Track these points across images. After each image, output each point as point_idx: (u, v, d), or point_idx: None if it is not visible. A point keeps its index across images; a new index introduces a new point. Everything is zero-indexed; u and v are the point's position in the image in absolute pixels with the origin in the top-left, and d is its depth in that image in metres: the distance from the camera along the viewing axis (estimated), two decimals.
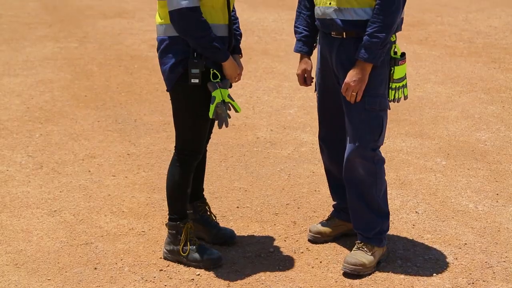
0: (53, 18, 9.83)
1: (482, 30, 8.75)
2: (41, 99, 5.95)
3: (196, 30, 2.94)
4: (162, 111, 5.62)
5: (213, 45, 2.97)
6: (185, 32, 2.96)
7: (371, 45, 2.94)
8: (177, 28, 2.97)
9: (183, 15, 2.92)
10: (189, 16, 2.92)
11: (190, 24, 2.93)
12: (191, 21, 2.93)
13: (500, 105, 5.74)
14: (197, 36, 2.95)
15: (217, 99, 3.02)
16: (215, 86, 3.02)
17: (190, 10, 2.91)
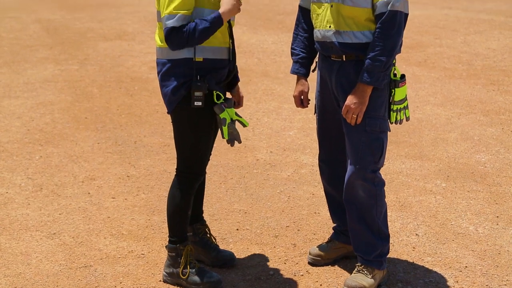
0: (54, 40, 9.89)
1: (481, 52, 8.80)
2: (41, 121, 5.97)
3: (189, 42, 2.96)
4: (162, 133, 5.63)
5: (209, 28, 2.95)
6: (181, 47, 2.98)
7: (373, 68, 2.96)
8: (171, 47, 2.99)
9: (171, 34, 2.94)
10: (176, 35, 2.94)
11: (181, 40, 2.95)
12: (181, 37, 2.95)
13: (499, 127, 5.76)
14: (195, 42, 2.97)
15: (228, 120, 3.05)
16: (222, 108, 3.04)
17: (175, 30, 2.94)
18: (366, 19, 3.00)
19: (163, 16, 2.97)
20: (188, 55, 3.03)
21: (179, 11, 2.93)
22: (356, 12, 3.00)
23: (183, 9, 2.94)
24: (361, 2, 2.98)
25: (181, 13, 2.93)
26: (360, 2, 2.98)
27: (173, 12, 2.93)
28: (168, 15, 2.94)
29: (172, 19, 2.93)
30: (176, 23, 2.93)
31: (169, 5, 2.94)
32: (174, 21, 2.93)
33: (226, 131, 3.06)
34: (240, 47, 9.18)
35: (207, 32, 2.96)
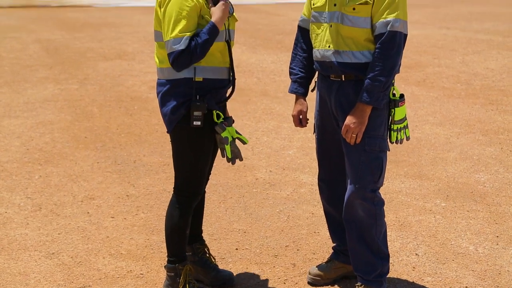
0: (54, 60, 9.93)
1: (479, 72, 8.84)
2: (41, 141, 5.97)
3: (193, 60, 2.98)
4: (162, 152, 5.63)
5: (208, 39, 2.97)
6: (187, 67, 3.00)
7: (373, 88, 2.97)
8: (178, 69, 3.01)
9: (179, 57, 2.96)
10: (182, 57, 2.96)
11: (186, 60, 2.97)
12: (186, 58, 2.97)
13: (498, 146, 5.76)
14: (199, 58, 2.99)
15: (230, 139, 3.07)
16: (223, 127, 3.06)
17: (183, 53, 2.95)
18: (366, 39, 3.02)
19: (167, 40, 2.98)
20: (188, 75, 3.05)
21: (184, 33, 2.95)
22: (356, 33, 3.02)
23: (188, 31, 2.96)
24: (361, 22, 3.00)
25: (187, 35, 2.95)
26: (360, 22, 3.00)
27: (179, 36, 2.95)
28: (174, 39, 2.95)
29: (178, 43, 2.94)
30: (183, 46, 2.95)
31: (174, 29, 2.96)
32: (181, 45, 2.94)
33: (229, 150, 3.08)
34: (240, 66, 9.22)
35: (207, 43, 2.97)
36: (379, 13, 2.97)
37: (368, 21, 3.00)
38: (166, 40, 2.99)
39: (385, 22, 2.96)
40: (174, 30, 2.96)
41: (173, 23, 2.96)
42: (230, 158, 3.10)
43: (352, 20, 3.01)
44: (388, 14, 2.96)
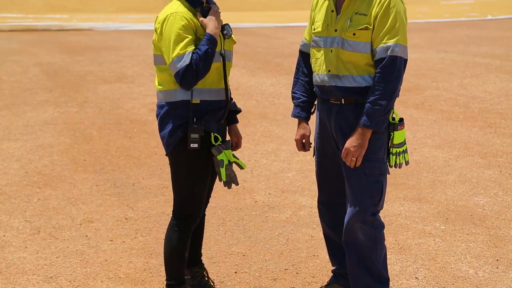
0: (54, 83, 9.97)
1: (477, 95, 8.88)
2: (40, 164, 5.97)
3: (199, 74, 2.99)
4: (161, 175, 5.63)
5: (208, 50, 2.99)
6: (195, 83, 3.01)
7: (373, 112, 2.98)
8: (187, 87, 3.02)
9: (186, 73, 2.98)
10: (188, 74, 2.98)
11: (193, 75, 2.99)
12: (192, 73, 2.99)
13: (497, 169, 5.77)
14: (204, 71, 3.00)
15: (225, 162, 3.07)
16: (219, 149, 3.07)
17: (190, 68, 2.97)
18: (366, 64, 3.05)
19: (171, 62, 3.00)
20: (185, 97, 3.07)
21: (186, 50, 2.98)
22: (356, 57, 3.04)
23: (189, 47, 2.99)
24: (361, 47, 3.03)
25: (188, 51, 2.98)
26: (360, 47, 3.03)
27: (180, 54, 2.98)
28: (177, 58, 2.98)
29: (181, 60, 2.97)
30: (188, 61, 2.97)
31: (175, 49, 2.99)
32: (185, 61, 2.97)
33: (224, 173, 3.07)
34: (239, 89, 9.26)
35: (208, 55, 2.99)
36: (379, 38, 3.00)
37: (368, 46, 3.03)
38: (169, 63, 3.01)
39: (386, 47, 2.98)
40: (175, 50, 2.98)
41: (173, 44, 2.99)
42: (225, 181, 3.10)
43: (352, 45, 3.03)
44: (388, 39, 2.99)
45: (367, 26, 3.01)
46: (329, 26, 3.11)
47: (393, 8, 2.99)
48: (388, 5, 2.99)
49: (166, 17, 3.04)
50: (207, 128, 3.08)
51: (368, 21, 3.01)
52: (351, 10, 3.05)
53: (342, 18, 3.07)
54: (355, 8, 3.04)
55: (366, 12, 3.01)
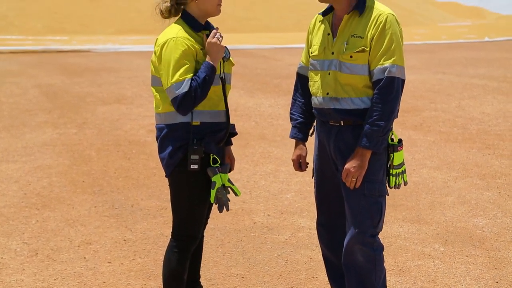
0: (53, 104, 9.99)
1: (476, 116, 8.91)
2: (38, 185, 5.97)
3: (196, 100, 3.01)
4: (159, 196, 5.62)
5: (206, 78, 3.01)
6: (191, 109, 3.03)
7: (372, 133, 3.00)
8: (184, 113, 3.03)
9: (184, 100, 2.99)
10: (185, 100, 3.00)
11: (191, 102, 3.00)
12: (190, 100, 3.00)
13: (496, 191, 5.77)
14: (202, 98, 3.02)
15: (218, 184, 3.06)
16: (215, 171, 3.07)
17: (188, 95, 2.99)
18: (364, 86, 3.06)
19: (169, 87, 3.01)
20: (185, 119, 3.07)
21: (185, 76, 2.99)
22: (354, 80, 3.06)
23: (188, 74, 3.00)
24: (358, 69, 3.05)
25: (188, 78, 3.00)
26: (357, 69, 3.05)
27: (179, 80, 2.99)
28: (176, 84, 2.99)
29: (180, 87, 2.98)
30: (186, 88, 2.98)
31: (174, 74, 3.00)
32: (184, 88, 2.98)
33: (213, 195, 3.07)
34: (238, 110, 9.28)
35: (206, 82, 3.01)
36: (376, 59, 3.02)
37: (365, 68, 3.05)
38: (167, 87, 3.02)
39: (383, 68, 3.00)
40: (175, 75, 2.99)
41: (172, 69, 3.00)
42: (214, 203, 3.10)
43: (350, 68, 3.05)
44: (385, 61, 3.01)
45: (363, 48, 3.03)
46: (326, 49, 3.13)
47: (388, 29, 3.02)
48: (384, 27, 3.02)
49: (166, 41, 3.05)
50: (207, 150, 3.08)
51: (365, 43, 3.03)
52: (347, 33, 3.08)
53: (338, 41, 3.09)
54: (351, 31, 3.07)
55: (362, 34, 3.04)
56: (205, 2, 3.10)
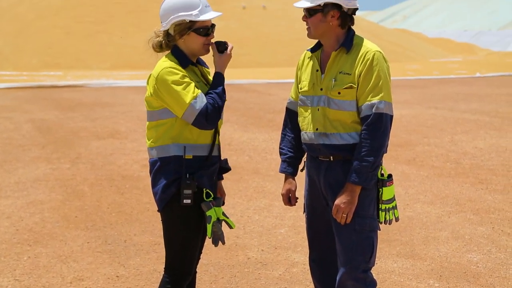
0: (47, 139, 9.99)
1: (468, 151, 8.95)
2: (31, 221, 5.93)
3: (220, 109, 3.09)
4: (153, 232, 5.59)
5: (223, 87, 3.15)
6: (219, 117, 3.11)
7: (361, 168, 3.01)
8: (212, 124, 3.08)
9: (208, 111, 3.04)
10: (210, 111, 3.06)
11: (216, 113, 3.08)
12: (214, 110, 3.07)
13: (490, 226, 5.77)
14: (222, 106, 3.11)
15: (213, 218, 3.07)
16: (209, 205, 3.07)
17: (206, 108, 3.05)
18: (352, 121, 3.09)
19: (186, 108, 3.03)
20: (178, 152, 3.09)
21: (197, 91, 3.06)
22: (342, 115, 3.09)
23: (196, 90, 3.07)
24: (346, 105, 3.08)
25: (199, 93, 3.06)
26: (345, 105, 3.08)
27: (194, 96, 3.05)
28: (192, 103, 3.03)
29: (197, 102, 3.03)
30: (203, 100, 3.04)
31: (186, 95, 3.04)
32: (201, 101, 3.04)
33: (209, 230, 3.07)
34: (231, 144, 9.30)
35: (224, 90, 3.13)
36: (364, 95, 3.06)
37: (353, 104, 3.08)
38: (185, 111, 3.04)
39: (370, 104, 3.04)
40: (187, 95, 3.04)
41: (180, 92, 3.04)
42: (210, 238, 3.09)
43: (338, 104, 3.09)
44: (372, 97, 3.04)
45: (351, 85, 3.07)
46: (315, 85, 3.18)
47: (376, 66, 3.06)
48: (371, 64, 3.06)
49: (161, 71, 3.10)
50: (200, 184, 3.09)
51: (352, 80, 3.07)
52: (335, 69, 3.12)
53: (326, 78, 3.14)
54: (339, 68, 3.12)
55: (349, 71, 3.08)
56: (191, 41, 3.16)
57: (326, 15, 3.09)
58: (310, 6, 3.10)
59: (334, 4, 3.08)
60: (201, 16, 3.12)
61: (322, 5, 3.08)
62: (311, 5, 3.10)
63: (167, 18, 3.14)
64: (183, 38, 3.15)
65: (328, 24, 3.10)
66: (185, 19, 3.11)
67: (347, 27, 3.15)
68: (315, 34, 3.15)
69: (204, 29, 3.14)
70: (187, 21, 3.12)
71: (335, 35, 3.14)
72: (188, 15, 3.11)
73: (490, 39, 67.40)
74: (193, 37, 3.14)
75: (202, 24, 3.14)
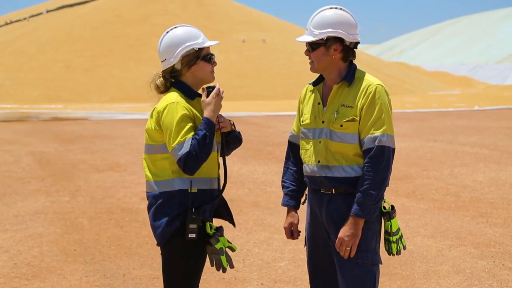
0: (46, 172, 9.98)
1: (468, 184, 8.94)
2: (29, 255, 5.89)
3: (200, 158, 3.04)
4: (152, 265, 5.55)
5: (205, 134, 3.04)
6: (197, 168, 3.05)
7: (364, 201, 3.02)
8: (190, 172, 3.05)
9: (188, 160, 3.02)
10: (189, 160, 3.02)
11: (194, 160, 3.03)
12: (193, 158, 3.03)
13: (491, 260, 5.73)
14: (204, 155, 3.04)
15: (224, 249, 3.08)
16: (217, 238, 3.07)
17: (187, 156, 3.02)
18: (354, 154, 3.10)
19: (172, 149, 3.05)
20: (183, 186, 3.09)
21: (186, 136, 3.04)
22: (344, 148, 3.10)
23: (189, 134, 3.05)
24: (349, 138, 3.09)
25: (188, 137, 3.04)
26: (348, 138, 3.09)
27: (181, 141, 3.04)
28: (178, 145, 3.04)
29: (182, 147, 3.03)
30: (188, 148, 3.02)
31: (176, 137, 3.05)
32: (186, 148, 3.02)
33: (225, 261, 3.07)
34: (231, 177, 9.29)
35: (206, 139, 3.05)
36: (367, 128, 3.07)
37: (356, 136, 3.10)
38: (171, 151, 3.07)
39: (373, 137, 3.05)
40: (176, 138, 3.05)
41: (174, 133, 3.05)
42: (223, 268, 3.10)
43: (340, 136, 3.10)
44: (375, 130, 3.06)
45: (353, 117, 3.09)
46: (317, 118, 3.19)
47: (378, 99, 3.09)
48: (374, 97, 3.09)
49: (166, 106, 3.11)
50: (204, 218, 3.09)
51: (355, 113, 3.09)
52: (337, 102, 3.14)
53: (328, 110, 3.16)
54: (341, 101, 3.14)
55: (352, 104, 3.10)
56: (200, 70, 3.20)
57: (328, 48, 3.12)
58: (313, 40, 3.13)
59: (337, 38, 3.11)
60: (207, 43, 3.20)
61: (325, 39, 3.11)
62: (314, 39, 3.12)
63: (174, 52, 3.17)
64: (191, 69, 3.18)
65: (331, 58, 3.13)
66: (193, 47, 3.15)
67: (349, 61, 3.18)
68: (318, 68, 3.18)
69: (210, 56, 3.21)
70: (195, 49, 3.16)
71: (338, 68, 3.17)
72: (195, 44, 3.16)
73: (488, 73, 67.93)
74: (201, 65, 3.19)
75: (206, 51, 3.21)
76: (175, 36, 3.19)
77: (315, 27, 3.12)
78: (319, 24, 3.11)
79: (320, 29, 3.10)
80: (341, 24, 3.11)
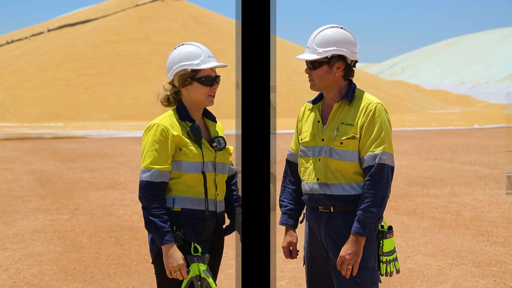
0: (46, 190, 9.97)
1: (468, 203, 8.93)
2: (28, 273, 5.87)
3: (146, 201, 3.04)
4: (151, 284, 5.53)
5: (152, 220, 3.01)
6: (144, 207, 3.05)
7: (365, 219, 3.01)
8: (141, 201, 3.07)
9: (144, 189, 3.05)
10: (148, 191, 3.04)
11: (146, 202, 3.05)
12: (148, 199, 3.04)
13: (492, 279, 5.71)
14: (145, 206, 3.04)
15: (192, 273, 3.03)
16: (192, 259, 3.05)
17: (149, 186, 3.04)
18: (354, 172, 3.10)
19: (141, 169, 3.09)
20: (167, 204, 3.09)
21: (154, 166, 3.05)
22: (344, 166, 3.10)
23: (157, 165, 3.05)
24: (348, 156, 3.10)
25: (156, 168, 3.04)
26: (347, 156, 3.10)
27: (148, 167, 3.06)
28: (144, 169, 3.07)
29: (147, 173, 3.05)
30: (150, 177, 3.04)
31: (145, 159, 3.08)
32: (148, 176, 3.05)
33: (184, 283, 3.03)
34: None
35: (147, 224, 3.03)
36: (367, 146, 3.08)
37: (355, 154, 3.10)
38: (141, 169, 3.12)
39: (373, 155, 3.06)
40: (145, 161, 3.08)
41: (145, 154, 3.09)
42: None
43: (340, 154, 3.11)
44: (375, 148, 3.06)
45: (353, 135, 3.10)
46: (316, 136, 3.20)
47: (378, 118, 3.10)
48: (374, 115, 3.10)
49: (149, 126, 3.15)
50: (186, 237, 3.07)
51: (355, 131, 3.10)
52: (337, 120, 3.15)
53: (328, 128, 3.16)
54: (341, 118, 3.14)
55: (352, 122, 3.11)
56: (194, 91, 3.16)
57: (332, 67, 3.12)
58: (317, 58, 3.11)
59: (340, 56, 3.12)
60: (202, 65, 3.14)
61: (329, 57, 3.12)
62: (318, 57, 3.11)
63: (170, 70, 3.19)
64: (186, 88, 3.17)
65: (333, 76, 3.14)
66: (187, 68, 3.15)
67: (349, 79, 3.20)
68: (319, 86, 3.17)
69: (207, 78, 3.15)
70: (188, 70, 3.14)
71: (338, 86, 3.17)
72: (189, 64, 3.14)
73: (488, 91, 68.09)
74: (196, 87, 3.15)
75: (204, 74, 3.15)
76: (175, 54, 3.21)
77: (318, 45, 3.12)
78: (322, 42, 3.12)
79: (324, 47, 3.11)
80: (344, 42, 3.12)
